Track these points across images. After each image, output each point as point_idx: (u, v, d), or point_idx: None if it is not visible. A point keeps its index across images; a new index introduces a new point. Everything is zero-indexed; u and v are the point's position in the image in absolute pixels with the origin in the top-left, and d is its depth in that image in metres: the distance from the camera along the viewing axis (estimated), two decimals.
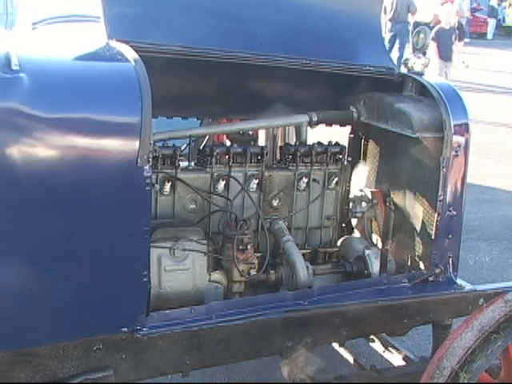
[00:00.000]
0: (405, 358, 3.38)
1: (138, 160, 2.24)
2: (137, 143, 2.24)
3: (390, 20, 14.58)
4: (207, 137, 3.63)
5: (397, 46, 14.44)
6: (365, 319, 2.86)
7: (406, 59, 3.17)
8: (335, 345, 3.55)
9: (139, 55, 2.38)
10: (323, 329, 2.83)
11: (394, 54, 13.76)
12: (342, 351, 3.62)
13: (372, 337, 3.51)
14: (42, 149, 2.15)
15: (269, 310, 2.71)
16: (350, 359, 3.59)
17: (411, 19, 15.18)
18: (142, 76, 2.29)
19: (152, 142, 2.32)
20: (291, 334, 2.76)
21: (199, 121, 3.59)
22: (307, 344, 2.78)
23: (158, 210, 2.85)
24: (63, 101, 2.20)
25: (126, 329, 2.40)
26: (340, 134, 3.51)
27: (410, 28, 14.89)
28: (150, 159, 2.28)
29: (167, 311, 2.55)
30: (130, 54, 2.38)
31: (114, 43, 2.51)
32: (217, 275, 2.87)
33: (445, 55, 12.49)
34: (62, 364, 2.35)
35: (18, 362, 2.30)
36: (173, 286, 2.74)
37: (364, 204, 3.30)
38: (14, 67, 2.12)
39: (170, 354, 2.52)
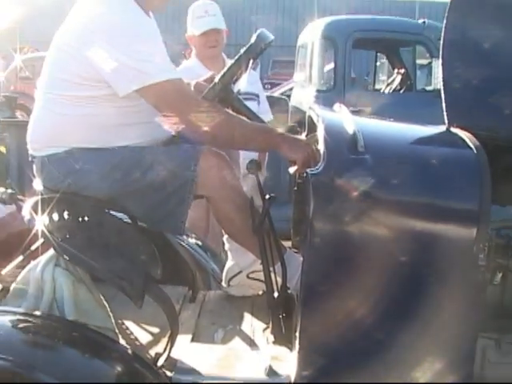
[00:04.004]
0: None
1: (474, 248, 2.22)
2: (474, 231, 2.21)
3: None
4: None
5: None
6: None
7: None
8: None
9: (480, 142, 2.37)
10: None
11: None
12: None
13: None
14: (379, 229, 2.21)
15: None
16: None
17: None
18: (483, 164, 2.27)
19: (489, 230, 2.29)
20: None
21: None
22: None
23: None
24: (403, 183, 2.26)
25: None
26: None
27: None
28: (486, 248, 2.24)
29: None
30: (472, 141, 2.38)
31: (454, 129, 2.53)
32: None
33: None
34: None
35: None
36: (496, 379, 2.63)
37: None
38: (360, 149, 2.22)
39: None
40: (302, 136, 2.83)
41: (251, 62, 2.81)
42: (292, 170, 2.66)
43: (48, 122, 2.75)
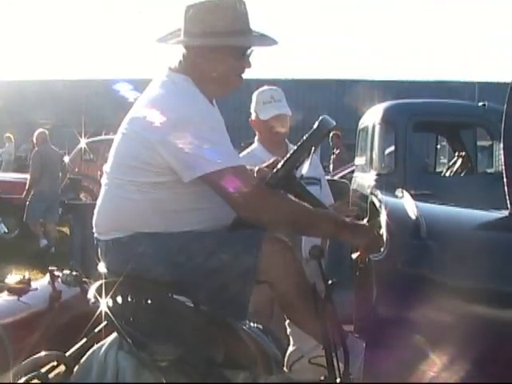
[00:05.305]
0: None
1: None
2: None
3: None
4: None
5: None
6: None
7: None
8: None
9: None
10: None
11: None
12: None
13: None
14: (442, 315, 2.20)
15: None
16: None
17: None
18: None
19: None
20: None
21: None
22: None
23: None
24: (466, 269, 2.24)
25: None
26: None
27: None
28: None
29: None
30: None
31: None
32: None
33: None
34: None
35: None
36: None
37: None
38: (423, 235, 2.22)
39: None
40: (364, 221, 2.84)
41: (314, 147, 2.84)
42: (355, 255, 2.66)
43: (113, 206, 2.81)
